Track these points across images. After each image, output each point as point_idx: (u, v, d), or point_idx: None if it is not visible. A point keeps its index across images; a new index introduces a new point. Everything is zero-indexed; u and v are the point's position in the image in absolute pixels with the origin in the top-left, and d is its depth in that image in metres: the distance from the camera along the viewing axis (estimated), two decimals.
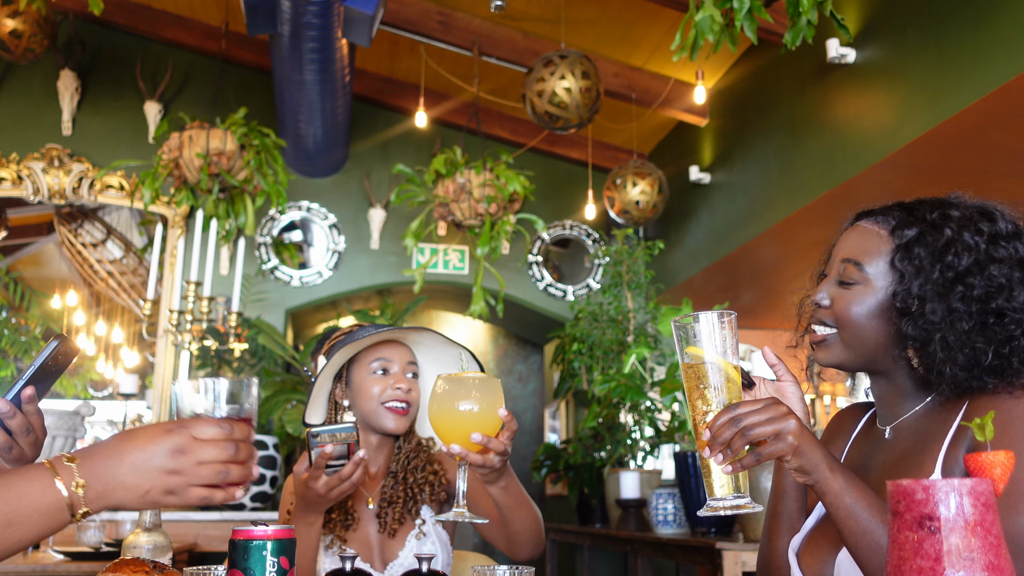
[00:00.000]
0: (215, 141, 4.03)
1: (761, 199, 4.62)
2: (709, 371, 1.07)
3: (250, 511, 3.65)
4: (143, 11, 5.38)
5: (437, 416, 1.32)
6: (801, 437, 1.01)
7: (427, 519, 1.76)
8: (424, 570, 1.19)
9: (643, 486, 3.96)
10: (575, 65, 4.04)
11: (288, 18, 3.80)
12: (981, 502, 0.66)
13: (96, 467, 0.90)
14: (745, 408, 1.02)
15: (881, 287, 1.16)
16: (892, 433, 1.22)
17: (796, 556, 1.22)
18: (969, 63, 3.13)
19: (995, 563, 0.66)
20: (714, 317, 1.08)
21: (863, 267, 1.18)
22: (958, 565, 0.65)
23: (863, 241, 1.20)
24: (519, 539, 1.64)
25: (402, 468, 1.79)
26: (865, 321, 1.17)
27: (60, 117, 5.34)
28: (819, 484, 1.03)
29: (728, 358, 1.07)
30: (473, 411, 1.29)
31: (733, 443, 1.01)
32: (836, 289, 1.20)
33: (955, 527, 0.66)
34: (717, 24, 2.52)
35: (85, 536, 2.74)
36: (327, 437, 1.55)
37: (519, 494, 1.57)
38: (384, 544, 1.73)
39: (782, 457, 1.02)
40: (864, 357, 1.19)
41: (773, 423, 1.01)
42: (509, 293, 5.84)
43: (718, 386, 1.07)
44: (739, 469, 1.03)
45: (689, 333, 1.08)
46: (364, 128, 5.87)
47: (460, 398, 1.30)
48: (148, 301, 3.81)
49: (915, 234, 1.15)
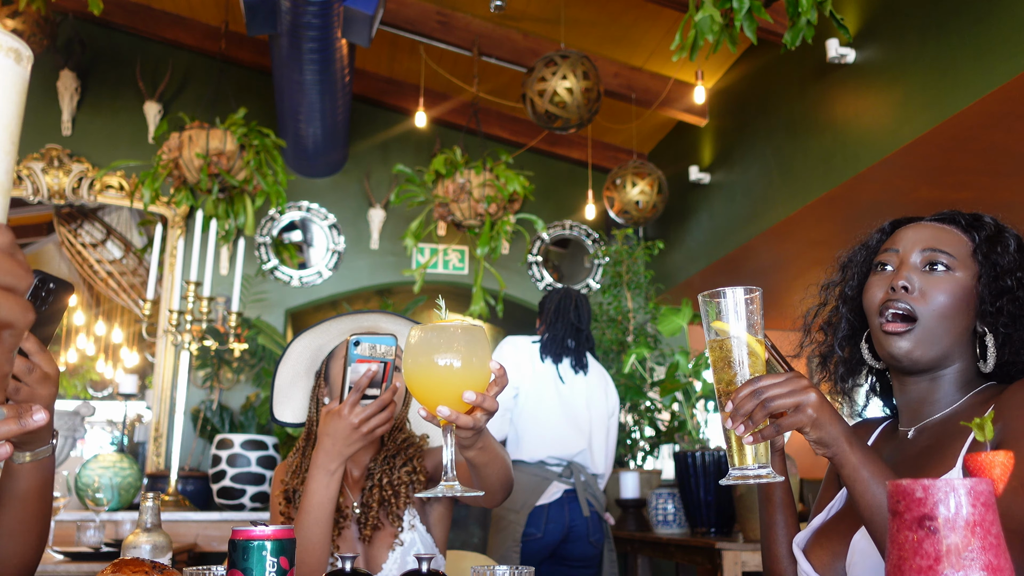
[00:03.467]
0: (215, 141, 4.03)
1: (761, 199, 4.62)
2: (734, 345, 1.09)
3: (250, 511, 3.65)
4: (143, 11, 5.38)
5: (416, 373, 1.10)
6: (820, 410, 1.04)
7: (405, 523, 1.67)
8: (424, 570, 1.19)
9: (643, 486, 3.96)
10: (576, 65, 4.05)
11: (288, 18, 3.80)
12: (981, 502, 0.66)
13: None
14: (767, 381, 1.05)
15: (966, 276, 1.20)
16: (915, 433, 1.24)
17: (803, 551, 1.23)
18: (969, 63, 3.13)
19: (995, 563, 0.66)
20: (740, 292, 1.10)
21: (951, 255, 1.21)
22: (958, 565, 0.65)
23: (940, 234, 1.24)
24: (492, 488, 1.49)
25: (379, 468, 1.70)
26: (952, 307, 1.19)
27: (60, 117, 5.34)
28: (838, 456, 1.05)
29: (753, 333, 1.10)
30: (461, 365, 1.08)
31: (754, 415, 1.04)
32: (921, 275, 1.22)
33: (955, 527, 0.65)
34: (717, 24, 2.52)
35: (85, 536, 2.74)
36: (367, 348, 1.36)
37: (493, 447, 1.41)
38: (367, 552, 1.65)
39: (801, 429, 1.05)
40: (943, 350, 1.20)
41: (794, 395, 1.03)
42: (509, 293, 5.84)
43: (742, 360, 1.09)
44: (760, 440, 1.06)
45: (716, 308, 1.11)
46: (364, 128, 5.88)
47: (443, 350, 1.09)
48: (148, 301, 3.81)
49: (993, 232, 1.22)
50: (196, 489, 3.96)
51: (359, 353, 1.37)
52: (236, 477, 3.63)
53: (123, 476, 3.53)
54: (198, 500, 3.94)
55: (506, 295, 5.68)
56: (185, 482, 3.94)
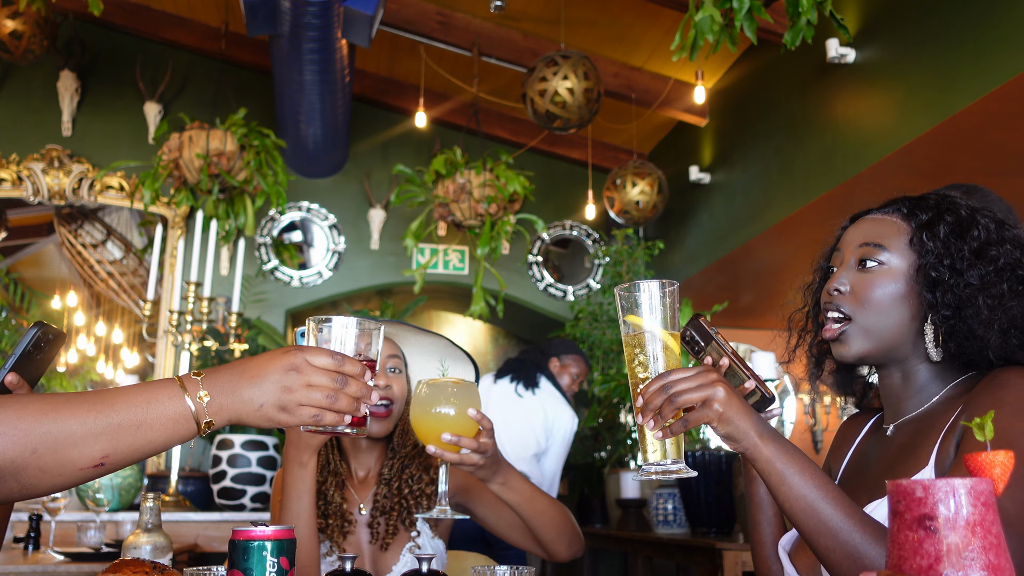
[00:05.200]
0: (215, 142, 4.03)
1: (761, 199, 4.62)
2: (647, 340, 1.08)
3: (250, 511, 3.65)
4: (143, 11, 5.38)
5: (415, 419, 1.41)
6: (728, 405, 1.03)
7: (423, 531, 1.68)
8: (424, 570, 1.19)
9: (643, 486, 3.96)
10: (578, 65, 4.05)
11: (288, 18, 3.80)
12: (981, 502, 0.66)
13: (219, 381, 0.98)
14: (676, 375, 1.04)
15: (902, 267, 1.17)
16: (894, 430, 1.22)
17: (788, 555, 1.23)
18: (969, 63, 3.13)
19: (995, 563, 0.65)
20: (654, 286, 1.09)
21: (884, 248, 1.18)
22: (958, 565, 0.65)
23: (877, 227, 1.21)
24: (546, 536, 1.60)
25: (395, 476, 1.69)
26: (889, 302, 1.17)
27: (60, 118, 5.34)
28: (749, 451, 1.04)
29: (667, 327, 1.08)
30: (447, 413, 1.38)
31: (663, 409, 1.03)
32: (855, 274, 1.20)
33: (955, 527, 0.65)
34: (717, 24, 2.52)
35: (85, 537, 2.74)
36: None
37: (525, 490, 1.56)
38: (376, 556, 1.64)
39: (709, 423, 1.04)
40: (885, 343, 1.18)
41: (701, 390, 1.02)
42: (509, 293, 5.84)
43: (655, 355, 1.08)
44: (669, 435, 1.05)
45: (630, 302, 1.10)
46: (364, 128, 5.88)
47: (436, 402, 1.38)
48: (148, 302, 3.81)
49: (932, 215, 1.18)
50: (196, 489, 3.96)
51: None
52: (236, 477, 3.63)
53: (123, 477, 3.53)
54: (198, 500, 3.94)
55: (506, 295, 5.68)
56: (185, 482, 3.94)
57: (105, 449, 0.93)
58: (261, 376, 0.99)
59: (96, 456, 0.93)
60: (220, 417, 0.97)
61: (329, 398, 1.00)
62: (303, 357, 1.00)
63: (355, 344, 1.08)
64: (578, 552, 1.66)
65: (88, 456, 0.93)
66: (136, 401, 0.95)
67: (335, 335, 1.07)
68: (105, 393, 0.96)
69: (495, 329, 7.64)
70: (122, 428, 0.94)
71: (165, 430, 0.96)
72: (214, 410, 0.97)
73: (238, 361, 1.01)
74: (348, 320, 1.08)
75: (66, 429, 0.91)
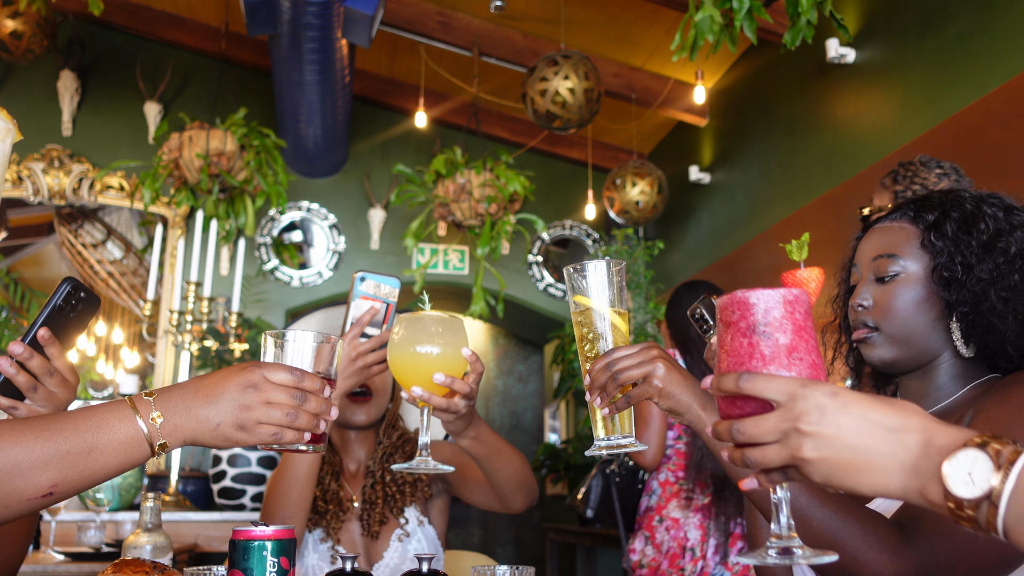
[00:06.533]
0: (215, 141, 4.03)
1: (761, 199, 4.62)
2: (595, 319, 1.10)
3: (250, 511, 3.65)
4: (143, 11, 5.38)
5: (396, 359, 1.21)
6: (667, 380, 1.06)
7: (411, 518, 1.71)
8: (424, 570, 1.19)
9: None
10: (579, 65, 4.05)
11: (288, 18, 3.80)
12: (803, 309, 0.77)
13: (172, 401, 0.94)
14: (618, 353, 1.06)
15: (918, 271, 1.18)
16: None
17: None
18: (969, 63, 3.13)
19: (816, 361, 0.76)
20: (602, 266, 1.10)
21: (897, 257, 1.19)
22: (789, 365, 0.75)
23: (887, 237, 1.23)
24: (506, 488, 1.54)
25: (379, 466, 1.72)
26: (913, 308, 1.18)
27: (60, 118, 5.35)
28: (694, 424, 1.07)
29: (614, 305, 1.09)
30: (435, 352, 1.19)
31: (607, 387, 1.06)
32: (875, 288, 1.21)
33: (785, 330, 0.75)
34: (717, 24, 2.52)
35: (85, 536, 2.74)
36: (372, 286, 1.39)
37: (493, 442, 1.47)
38: (368, 545, 1.68)
39: (651, 398, 1.06)
40: (914, 349, 1.19)
41: (642, 367, 1.05)
42: (509, 293, 5.85)
43: (603, 333, 1.09)
44: (615, 411, 1.07)
45: (578, 282, 1.10)
46: (364, 128, 5.88)
47: (420, 339, 1.20)
48: (148, 302, 3.81)
49: (939, 214, 1.19)
50: (197, 489, 3.96)
51: (363, 290, 1.41)
52: (237, 477, 3.63)
53: (124, 476, 3.53)
54: (199, 500, 3.94)
55: (506, 295, 5.69)
56: (186, 482, 3.95)
57: (54, 478, 0.88)
58: (217, 394, 0.94)
59: (44, 486, 0.88)
60: (174, 438, 0.93)
61: (289, 416, 0.95)
62: (261, 374, 0.95)
63: (313, 359, 1.04)
64: (533, 502, 1.61)
65: (35, 486, 0.88)
66: (85, 426, 0.90)
67: (293, 350, 1.03)
68: (52, 418, 0.91)
69: (495, 329, 7.64)
70: (71, 455, 0.89)
71: (117, 455, 0.91)
72: (168, 431, 0.93)
73: (192, 379, 0.97)
74: (305, 335, 1.04)
75: (11, 458, 0.86)
